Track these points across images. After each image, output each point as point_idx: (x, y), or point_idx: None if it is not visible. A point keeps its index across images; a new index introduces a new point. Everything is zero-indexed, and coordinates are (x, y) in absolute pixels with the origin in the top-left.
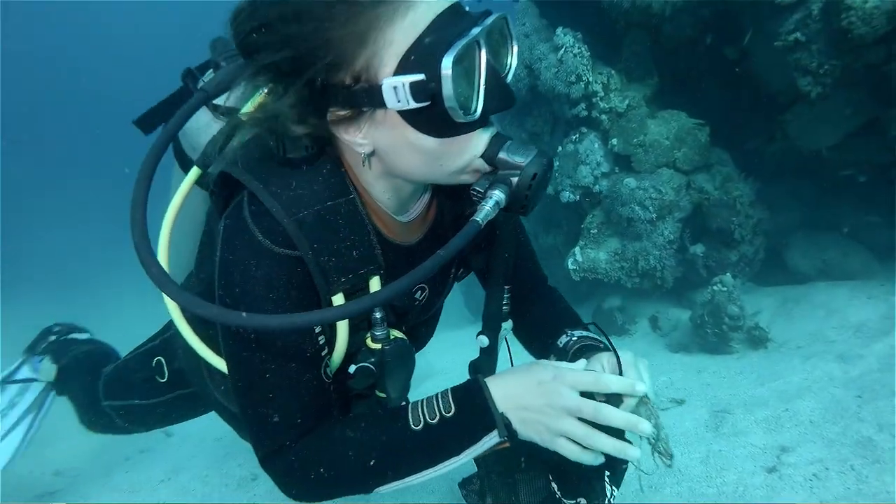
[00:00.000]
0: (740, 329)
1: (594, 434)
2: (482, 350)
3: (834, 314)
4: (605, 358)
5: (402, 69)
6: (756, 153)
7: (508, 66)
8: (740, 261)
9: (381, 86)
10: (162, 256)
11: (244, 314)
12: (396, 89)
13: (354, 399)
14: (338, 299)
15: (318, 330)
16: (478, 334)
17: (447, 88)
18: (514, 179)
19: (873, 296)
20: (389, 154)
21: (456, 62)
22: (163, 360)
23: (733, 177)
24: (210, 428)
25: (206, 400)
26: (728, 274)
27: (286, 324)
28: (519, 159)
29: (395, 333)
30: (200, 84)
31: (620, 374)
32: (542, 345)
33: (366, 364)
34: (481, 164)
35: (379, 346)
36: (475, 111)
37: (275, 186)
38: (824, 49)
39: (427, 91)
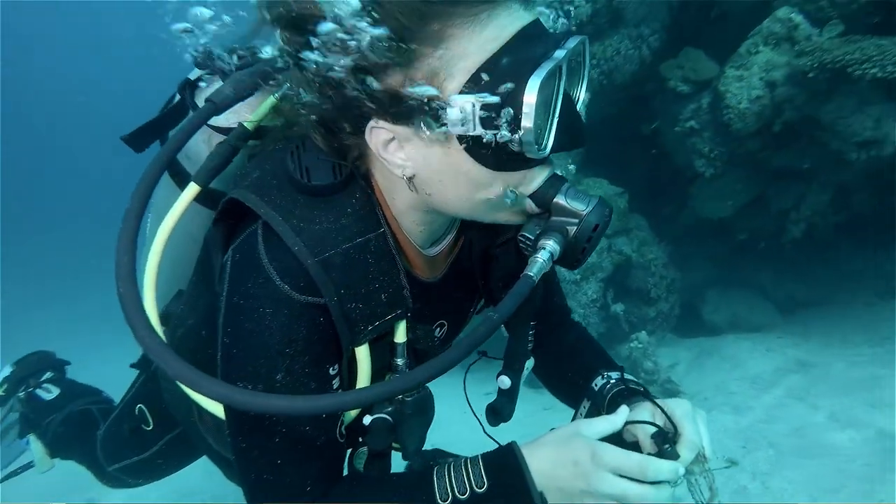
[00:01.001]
0: (655, 382)
1: None
2: (501, 391)
3: (738, 366)
4: (650, 409)
5: (471, 87)
6: (670, 219)
7: (580, 99)
8: (658, 316)
9: (447, 102)
10: (149, 288)
11: (258, 397)
12: (464, 110)
13: (369, 459)
14: (362, 351)
15: (336, 385)
16: (498, 374)
17: (528, 118)
18: (572, 229)
19: (771, 348)
20: (432, 181)
21: (542, 88)
22: (144, 407)
23: (648, 241)
24: None
25: (195, 441)
26: (643, 332)
27: (309, 408)
28: (580, 206)
29: None
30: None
31: (672, 426)
32: (571, 387)
33: (383, 416)
34: (530, 205)
35: (399, 395)
36: (545, 147)
37: (297, 220)
38: (713, 137)
39: (500, 117)
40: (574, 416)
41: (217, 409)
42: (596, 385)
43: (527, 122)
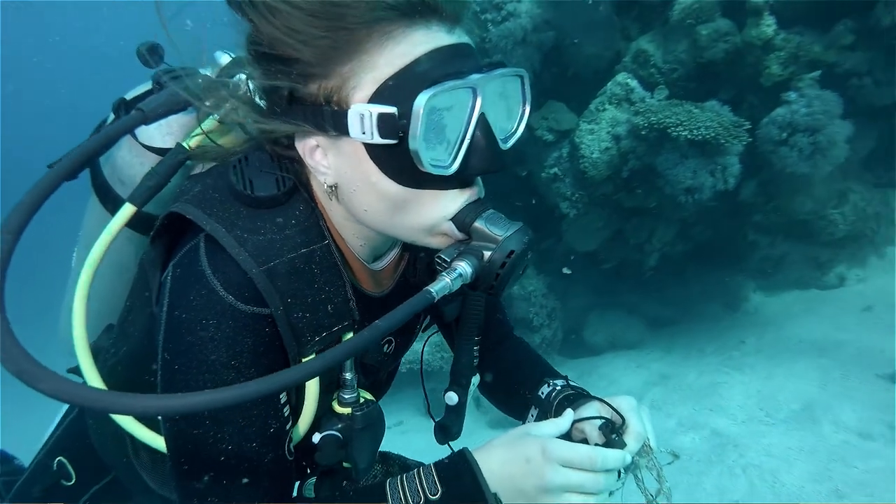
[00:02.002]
0: None
1: None
2: (449, 408)
3: (613, 383)
4: (596, 406)
5: (376, 98)
6: (548, 252)
7: (511, 131)
8: (543, 342)
9: (347, 110)
10: (79, 315)
11: (192, 396)
12: (363, 118)
13: (319, 475)
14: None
15: (283, 400)
16: (445, 391)
17: (415, 128)
18: (488, 254)
19: (641, 363)
20: (350, 192)
21: (435, 102)
22: (64, 458)
23: (528, 274)
24: None
25: (128, 486)
26: None
27: (241, 395)
28: (497, 231)
29: (365, 395)
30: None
31: (619, 418)
32: (518, 399)
33: (332, 432)
34: (451, 229)
35: (347, 410)
36: (449, 166)
37: (240, 230)
38: (574, 182)
39: (396, 127)
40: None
41: (155, 440)
42: (542, 393)
43: (415, 131)
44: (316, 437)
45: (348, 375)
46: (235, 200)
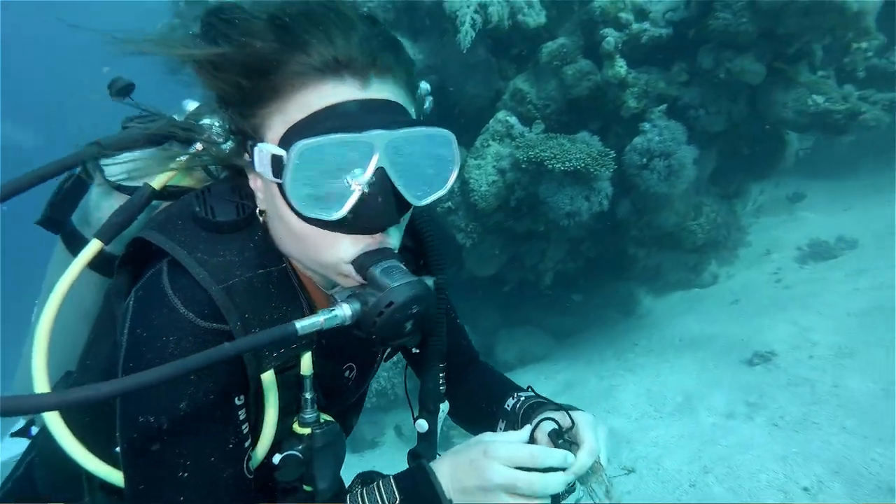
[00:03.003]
0: (456, 426)
1: None
2: (420, 436)
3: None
4: (557, 415)
5: (283, 140)
6: (453, 278)
7: (430, 190)
8: None
9: (256, 146)
10: (40, 354)
11: (147, 374)
12: (261, 155)
13: (279, 495)
14: (268, 378)
15: (242, 417)
16: (415, 419)
17: (287, 174)
18: (372, 300)
19: (549, 375)
20: (270, 220)
21: (312, 151)
22: None
23: None
24: None
25: None
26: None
27: (200, 361)
28: (388, 282)
29: (325, 417)
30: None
31: (571, 425)
32: (486, 417)
33: (293, 452)
34: (351, 272)
35: (308, 430)
36: (331, 214)
37: (201, 253)
38: (467, 214)
39: (282, 171)
40: None
41: (111, 474)
42: (508, 405)
43: (287, 177)
44: (277, 459)
45: (308, 395)
46: (197, 226)
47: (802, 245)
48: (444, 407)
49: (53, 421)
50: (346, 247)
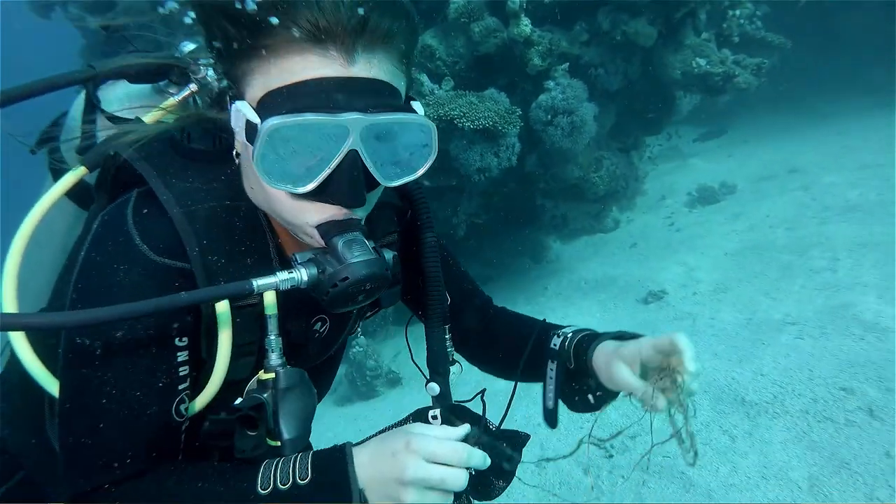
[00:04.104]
0: (380, 377)
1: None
2: (434, 399)
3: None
4: (644, 344)
5: (260, 103)
6: None
7: (402, 174)
8: (376, 317)
9: (233, 103)
10: (10, 275)
11: (79, 313)
12: (238, 116)
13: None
14: (222, 308)
15: (181, 359)
16: (426, 383)
17: (257, 148)
18: (330, 270)
19: None
20: (245, 166)
21: (282, 130)
22: None
23: None
24: None
25: (43, 477)
26: (361, 336)
27: (124, 312)
28: (347, 255)
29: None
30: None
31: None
32: (529, 361)
33: (256, 395)
34: (315, 234)
35: (272, 375)
36: (298, 187)
37: (170, 176)
38: None
39: (254, 138)
40: (544, 384)
41: None
42: (554, 345)
43: (256, 151)
44: (239, 402)
45: (272, 336)
46: (172, 150)
47: (692, 190)
48: (455, 369)
49: (20, 343)
50: (313, 213)
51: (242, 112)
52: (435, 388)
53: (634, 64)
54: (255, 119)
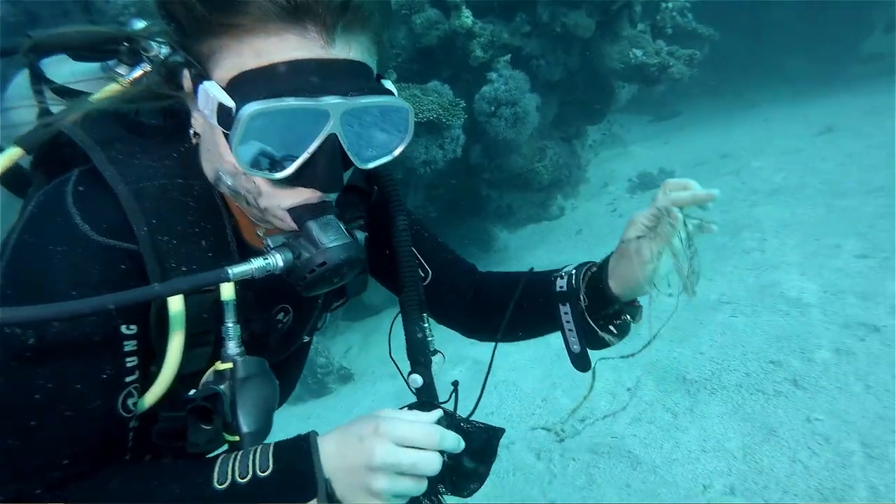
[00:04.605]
0: (332, 374)
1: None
2: (418, 391)
3: (394, 339)
4: (639, 218)
5: (231, 84)
6: None
7: (378, 156)
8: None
9: (202, 83)
10: None
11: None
12: (208, 98)
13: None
14: (175, 300)
15: (128, 348)
16: (408, 374)
17: (234, 135)
18: (306, 255)
19: None
20: (206, 150)
21: (262, 115)
22: None
23: None
24: None
25: None
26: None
27: (62, 311)
28: (324, 239)
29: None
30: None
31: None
32: (536, 311)
33: (211, 386)
34: (286, 217)
35: (230, 365)
36: (275, 173)
37: (115, 152)
38: None
39: (228, 122)
40: (562, 329)
41: None
42: (561, 287)
43: (234, 138)
44: (193, 393)
45: (230, 322)
46: (118, 124)
47: (633, 177)
48: (438, 359)
49: None
50: (285, 197)
51: (213, 94)
52: (417, 379)
53: (574, 55)
54: (229, 102)
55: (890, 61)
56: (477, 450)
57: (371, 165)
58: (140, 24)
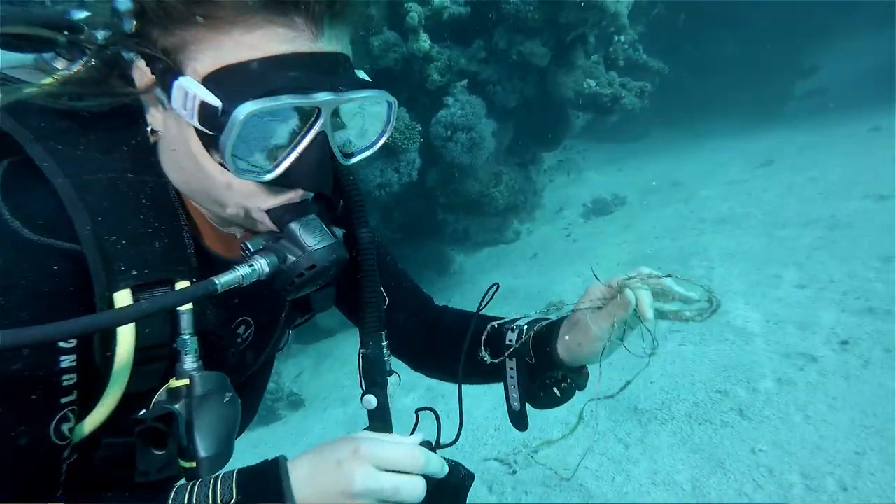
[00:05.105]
0: (281, 399)
1: None
2: (371, 414)
3: (347, 362)
4: (595, 291)
5: (210, 79)
6: None
7: (360, 149)
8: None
9: (176, 79)
10: None
11: None
12: (187, 96)
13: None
14: (122, 298)
15: (65, 364)
16: (362, 395)
17: (227, 135)
18: (292, 258)
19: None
20: (171, 150)
21: (259, 115)
22: None
23: None
24: None
25: None
26: None
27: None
28: (308, 241)
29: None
30: None
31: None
32: (479, 364)
33: (164, 405)
34: (264, 219)
35: (185, 381)
36: (265, 174)
37: (54, 141)
38: None
39: (215, 122)
40: (505, 384)
41: None
42: (510, 340)
43: (227, 140)
44: (144, 413)
45: (186, 335)
46: (55, 113)
47: (587, 202)
48: (394, 380)
49: None
50: (266, 197)
51: (192, 91)
52: (372, 400)
53: (530, 83)
54: (215, 101)
55: (822, 100)
56: (451, 488)
57: (353, 161)
58: (81, 14)
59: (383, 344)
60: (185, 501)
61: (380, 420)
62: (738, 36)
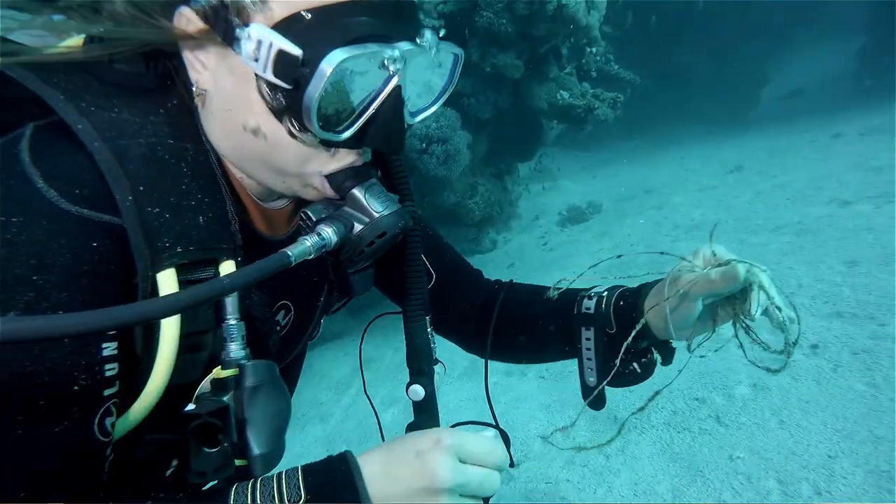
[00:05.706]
0: None
1: None
2: (417, 405)
3: (325, 377)
4: (701, 254)
5: (285, 27)
6: None
7: (425, 106)
8: None
9: (247, 27)
10: None
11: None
12: (261, 45)
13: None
14: (167, 280)
15: (107, 352)
16: (407, 386)
17: (315, 87)
18: (359, 227)
19: (347, 352)
20: (224, 111)
21: (347, 65)
22: None
23: None
24: None
25: None
26: None
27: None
28: (376, 207)
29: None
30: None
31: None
32: (555, 334)
33: (215, 399)
34: (323, 185)
35: (233, 371)
36: (341, 133)
37: (86, 103)
38: None
39: (295, 73)
40: (580, 356)
41: None
42: (588, 308)
43: (313, 92)
44: (191, 408)
45: (232, 320)
46: (87, 74)
47: (563, 210)
48: (439, 369)
49: None
50: (328, 160)
51: (267, 39)
52: (419, 391)
53: (504, 94)
54: (294, 50)
55: (800, 101)
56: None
57: (418, 119)
58: None
59: (428, 330)
60: (249, 502)
61: (427, 412)
62: (706, 48)
